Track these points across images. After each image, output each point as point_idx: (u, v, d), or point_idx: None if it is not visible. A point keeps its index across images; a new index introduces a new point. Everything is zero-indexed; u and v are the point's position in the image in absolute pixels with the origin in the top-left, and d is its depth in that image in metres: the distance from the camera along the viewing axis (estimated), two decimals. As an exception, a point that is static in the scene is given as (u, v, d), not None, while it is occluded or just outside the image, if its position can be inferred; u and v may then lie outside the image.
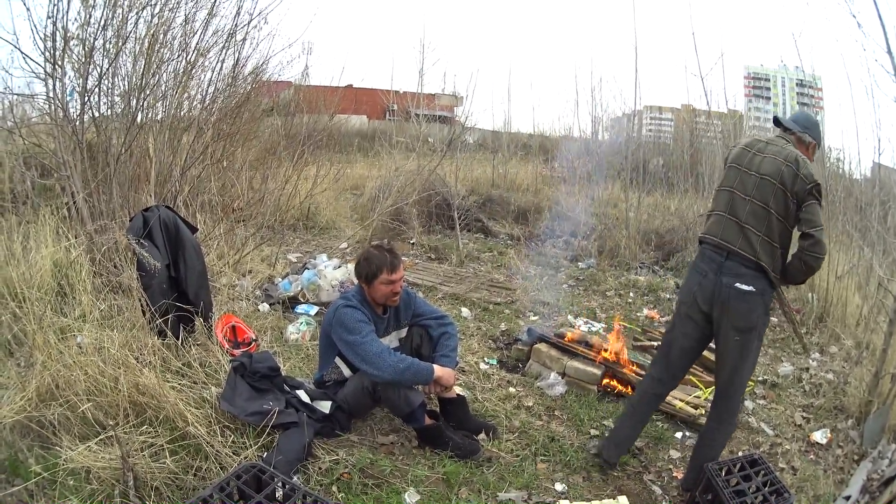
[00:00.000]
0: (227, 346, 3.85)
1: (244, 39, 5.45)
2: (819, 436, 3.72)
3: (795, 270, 2.79)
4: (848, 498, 2.90)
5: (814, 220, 2.70)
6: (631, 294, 6.72)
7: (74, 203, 4.18)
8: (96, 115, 4.49)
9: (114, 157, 4.22)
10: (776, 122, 3.10)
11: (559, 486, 2.97)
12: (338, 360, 3.27)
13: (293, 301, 5.06)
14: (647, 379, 3.17)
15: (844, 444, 3.63)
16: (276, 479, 2.23)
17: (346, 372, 3.25)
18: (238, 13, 5.19)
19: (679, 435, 3.64)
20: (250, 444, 2.79)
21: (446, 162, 8.46)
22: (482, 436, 3.32)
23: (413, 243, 8.21)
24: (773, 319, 6.00)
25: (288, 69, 8.49)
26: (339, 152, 11.88)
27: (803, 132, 2.95)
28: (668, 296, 6.62)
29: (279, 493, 2.21)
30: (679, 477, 3.15)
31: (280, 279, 5.42)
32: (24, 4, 3.90)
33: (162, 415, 2.80)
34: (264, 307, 4.90)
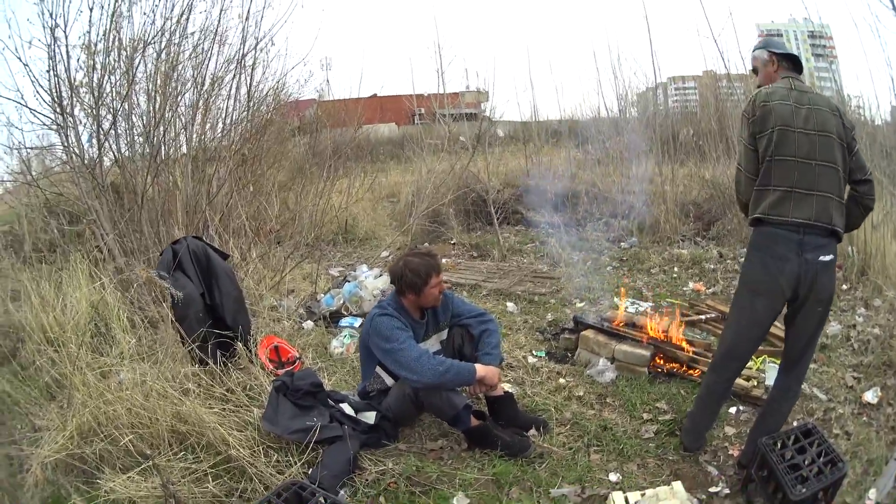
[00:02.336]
0: (270, 366, 3.87)
1: (254, 64, 5.50)
2: (870, 395, 3.59)
3: (856, 218, 2.72)
4: None
5: (865, 165, 2.68)
6: (675, 269, 6.54)
7: (105, 244, 4.26)
8: (117, 156, 4.59)
9: (139, 195, 4.29)
10: (796, 61, 2.79)
11: (613, 477, 2.88)
12: (379, 370, 3.24)
13: (336, 315, 5.08)
14: (713, 376, 2.93)
15: (895, 402, 3.52)
16: (317, 495, 2.20)
17: (389, 381, 3.22)
18: (244, 39, 5.23)
19: (733, 410, 3.50)
20: (294, 462, 2.78)
21: (478, 158, 8.38)
22: (532, 431, 3.23)
23: (454, 243, 8.21)
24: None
25: (307, 86, 8.60)
26: (372, 162, 11.99)
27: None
28: (711, 266, 6.44)
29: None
30: (735, 455, 3.04)
31: (322, 295, 5.45)
32: (21, 60, 4.01)
33: (204, 441, 2.83)
34: (308, 325, 4.93)
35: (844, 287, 5.48)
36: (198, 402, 3.03)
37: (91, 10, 4.28)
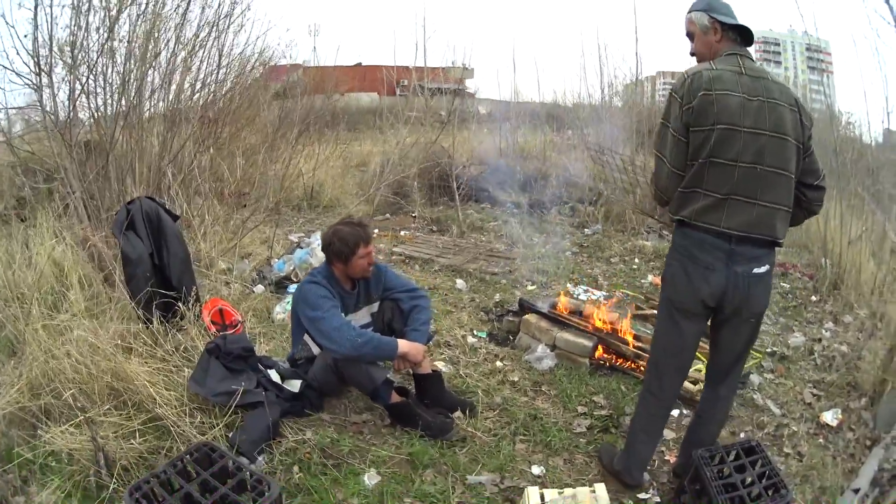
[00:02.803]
0: (213, 328, 3.91)
1: (227, 28, 5.48)
2: (829, 416, 3.42)
3: (798, 221, 2.45)
4: (857, 491, 2.60)
5: (819, 168, 2.38)
6: (636, 260, 6.61)
7: (72, 202, 4.29)
8: (94, 113, 4.63)
9: (105, 154, 4.31)
10: (744, 32, 2.35)
11: (536, 470, 2.86)
12: (306, 338, 3.27)
13: (285, 281, 5.13)
14: (650, 399, 2.63)
15: (857, 427, 3.30)
16: (225, 458, 2.28)
17: (315, 349, 3.25)
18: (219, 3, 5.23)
19: (675, 413, 3.40)
20: (216, 424, 2.86)
21: (452, 134, 8.38)
22: (458, 413, 3.23)
23: (415, 216, 8.29)
24: (786, 286, 5.87)
25: (291, 51, 8.54)
26: (349, 130, 11.92)
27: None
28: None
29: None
30: (672, 461, 2.95)
31: (276, 260, 5.49)
32: (5, 21, 4.02)
33: (137, 399, 2.89)
34: (259, 289, 4.98)
35: (814, 298, 5.54)
36: (138, 361, 3.10)
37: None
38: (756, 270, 2.27)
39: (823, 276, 5.77)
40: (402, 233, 7.53)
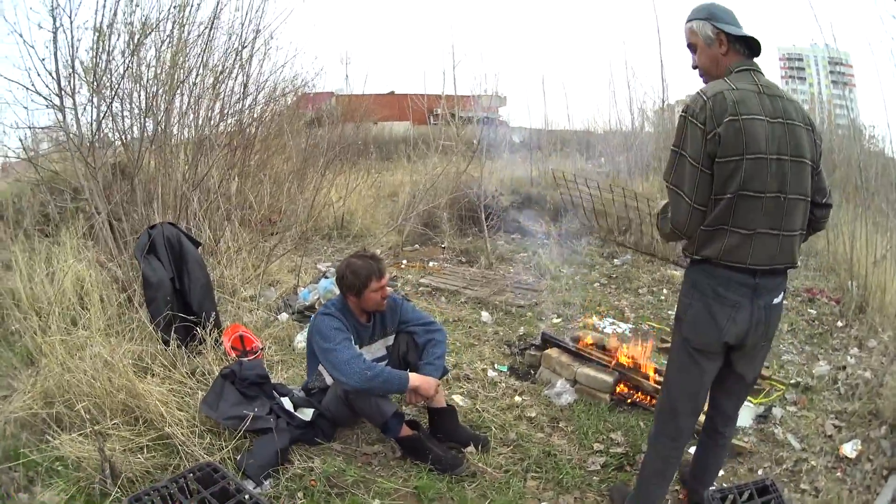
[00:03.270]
0: (233, 354, 3.95)
1: (251, 57, 5.63)
2: (849, 448, 3.25)
3: (805, 241, 2.31)
4: None
5: (826, 186, 2.24)
6: (665, 291, 6.46)
7: (97, 223, 4.40)
8: (121, 136, 4.74)
9: (130, 178, 4.42)
10: (751, 43, 2.18)
11: None
12: (321, 368, 3.28)
13: (310, 310, 5.14)
14: (665, 442, 2.47)
15: (875, 457, 3.11)
16: (225, 479, 2.28)
17: (329, 380, 3.25)
18: (242, 31, 5.39)
19: (692, 450, 3.21)
20: (225, 447, 2.88)
21: (481, 163, 8.42)
22: (470, 448, 3.19)
23: (444, 247, 8.26)
24: (812, 312, 5.69)
25: (322, 79, 8.72)
26: (382, 160, 12.08)
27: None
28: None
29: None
30: (684, 499, 2.83)
31: (302, 289, 5.53)
32: (27, 43, 4.15)
33: (148, 416, 2.96)
34: (283, 317, 5.02)
35: (840, 324, 5.34)
36: (154, 381, 3.18)
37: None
38: (775, 301, 2.17)
39: (849, 299, 5.56)
40: (431, 263, 7.51)
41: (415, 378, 3.02)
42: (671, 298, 6.21)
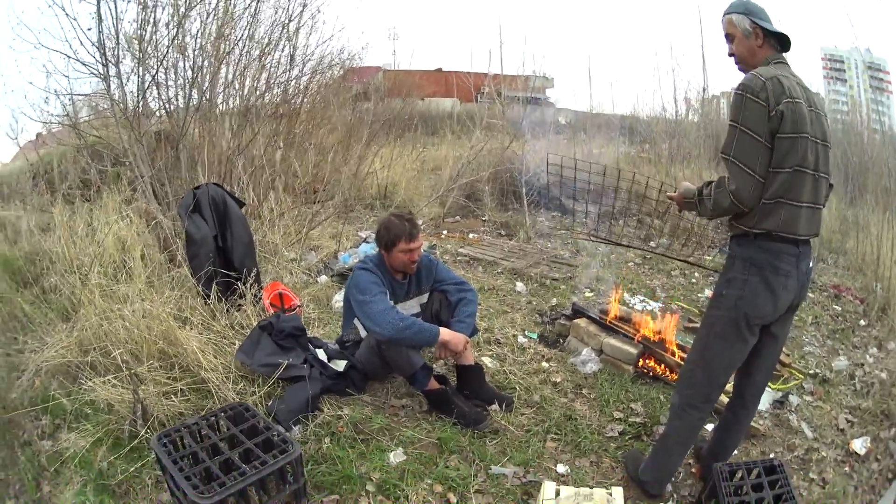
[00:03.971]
0: (272, 310, 4.12)
1: (298, 30, 5.75)
2: (859, 445, 3.31)
3: None
4: None
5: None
6: (696, 274, 6.43)
7: (140, 186, 4.58)
8: (165, 105, 4.91)
9: (174, 144, 4.59)
10: (784, 40, 2.35)
11: (561, 468, 2.87)
12: (356, 322, 3.42)
13: (350, 272, 5.29)
14: (692, 413, 2.56)
15: (882, 458, 3.19)
16: (256, 418, 2.43)
17: (363, 332, 3.38)
18: (289, 3, 5.50)
19: (710, 426, 3.21)
20: (257, 392, 3.05)
21: (523, 141, 8.45)
22: (494, 407, 3.30)
23: (485, 220, 8.36)
24: (837, 308, 5.66)
25: (368, 54, 8.82)
26: (430, 134, 12.18)
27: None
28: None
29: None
30: (697, 473, 2.91)
31: (342, 253, 5.70)
32: (66, 13, 4.31)
33: (184, 362, 3.12)
34: (323, 279, 5.20)
35: (862, 322, 5.33)
36: (193, 332, 3.32)
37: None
38: (811, 264, 2.35)
39: (874, 300, 5.54)
40: (471, 235, 7.63)
41: (445, 332, 3.13)
42: (701, 282, 6.23)
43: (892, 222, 5.79)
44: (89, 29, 4.39)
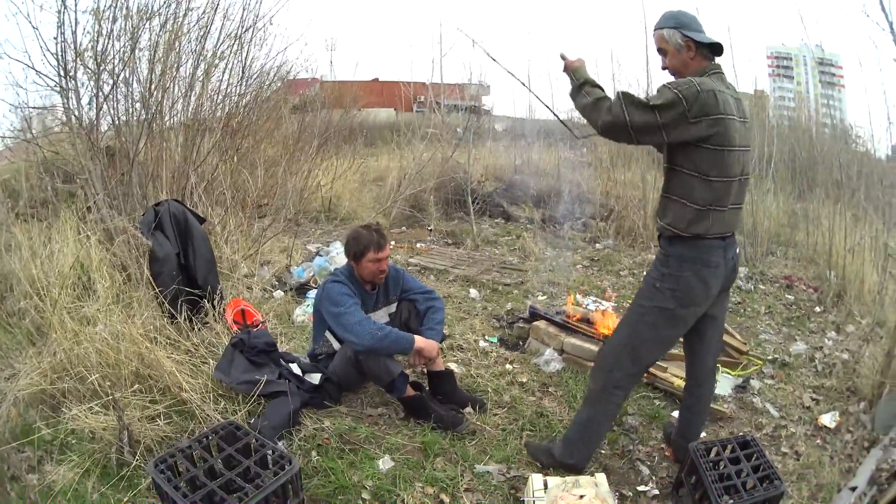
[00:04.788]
0: (235, 327, 4.09)
1: (250, 41, 5.72)
2: (827, 419, 3.50)
3: None
4: (854, 489, 2.66)
5: None
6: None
7: (95, 203, 4.45)
8: (115, 119, 4.78)
9: (130, 158, 4.49)
10: (716, 48, 2.46)
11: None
12: (328, 334, 3.45)
13: (305, 287, 5.32)
14: (618, 393, 2.74)
15: (855, 429, 3.39)
16: (250, 435, 2.45)
17: (336, 345, 3.42)
18: (243, 16, 5.46)
19: (676, 414, 3.36)
20: (239, 411, 3.05)
21: (466, 150, 8.62)
22: (469, 409, 3.41)
23: (431, 229, 8.48)
24: (790, 297, 6.00)
25: (308, 66, 8.75)
26: (366, 146, 12.20)
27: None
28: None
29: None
30: (671, 456, 3.09)
31: (295, 267, 5.69)
32: (31, 24, 4.17)
33: (161, 384, 3.09)
34: (278, 294, 5.18)
35: (818, 309, 5.63)
36: (164, 353, 3.27)
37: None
38: (737, 250, 2.61)
39: (828, 287, 5.86)
40: (418, 245, 7.71)
41: (420, 340, 3.22)
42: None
43: (843, 213, 6.11)
44: (54, 39, 4.27)
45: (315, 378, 3.37)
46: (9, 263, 4.21)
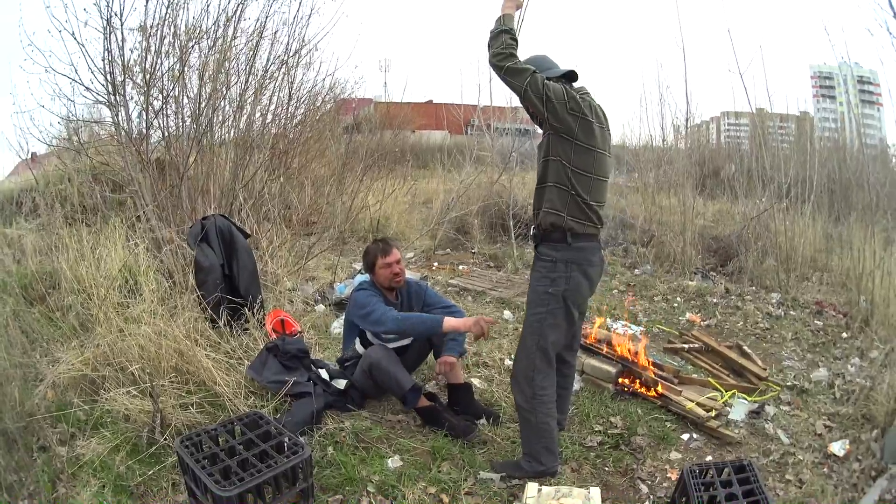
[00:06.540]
0: (274, 336, 4.38)
1: (296, 65, 6.07)
2: (837, 447, 3.41)
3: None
4: None
5: None
6: (678, 299, 6.71)
7: (144, 213, 4.80)
8: (165, 133, 5.14)
9: (180, 173, 4.85)
10: (571, 75, 2.89)
11: None
12: (357, 342, 3.78)
13: (343, 302, 5.58)
14: (545, 395, 3.00)
15: (864, 458, 3.26)
16: (269, 424, 2.73)
17: (361, 350, 3.72)
18: (289, 42, 5.82)
19: (686, 437, 3.60)
20: (266, 406, 3.35)
21: (511, 174, 8.84)
22: (482, 420, 3.59)
23: (474, 252, 8.70)
24: (819, 323, 5.92)
25: (362, 86, 9.00)
26: (419, 167, 12.55)
27: None
28: (714, 300, 6.59)
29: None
30: (674, 478, 3.06)
31: (338, 284, 6.00)
32: (77, 40, 4.51)
33: (197, 378, 3.41)
34: (320, 308, 5.49)
35: (844, 335, 5.52)
36: (202, 351, 3.59)
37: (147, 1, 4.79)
38: (603, 249, 3.06)
39: (857, 312, 5.73)
40: (461, 267, 7.93)
41: (450, 320, 3.40)
42: (682, 306, 6.49)
43: (875, 235, 6.00)
44: (103, 57, 4.58)
45: (341, 383, 3.65)
46: (56, 262, 4.59)
